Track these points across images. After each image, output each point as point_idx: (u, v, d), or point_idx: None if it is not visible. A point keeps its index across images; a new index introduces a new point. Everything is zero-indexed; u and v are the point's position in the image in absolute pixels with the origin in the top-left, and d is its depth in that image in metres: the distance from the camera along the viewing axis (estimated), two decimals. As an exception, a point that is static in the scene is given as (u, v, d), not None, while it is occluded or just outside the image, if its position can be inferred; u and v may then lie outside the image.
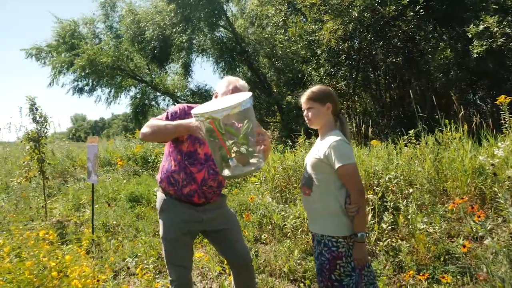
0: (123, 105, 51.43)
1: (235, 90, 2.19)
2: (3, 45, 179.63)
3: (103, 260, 3.63)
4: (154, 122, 2.17)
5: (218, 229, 2.36)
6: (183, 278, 2.29)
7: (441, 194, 4.47)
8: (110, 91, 18.97)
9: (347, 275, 1.99)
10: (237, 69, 16.07)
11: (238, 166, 1.77)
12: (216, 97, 2.27)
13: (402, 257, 3.22)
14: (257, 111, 15.56)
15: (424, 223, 3.55)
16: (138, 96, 19.57)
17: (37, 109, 5.60)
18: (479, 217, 2.77)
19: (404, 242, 3.38)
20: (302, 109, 2.18)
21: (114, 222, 5.05)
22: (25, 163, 5.85)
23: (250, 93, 1.82)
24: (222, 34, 15.98)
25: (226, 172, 1.79)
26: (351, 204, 1.96)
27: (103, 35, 18.65)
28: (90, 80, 17.83)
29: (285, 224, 4.19)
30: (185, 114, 2.21)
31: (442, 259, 3.25)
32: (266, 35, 13.78)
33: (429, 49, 9.12)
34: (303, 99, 2.16)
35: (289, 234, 4.05)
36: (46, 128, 5.64)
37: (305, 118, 2.16)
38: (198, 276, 3.57)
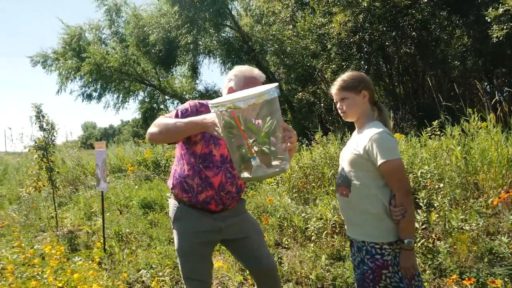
0: (131, 110, 51.73)
1: (253, 81, 1.93)
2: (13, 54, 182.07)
3: (115, 274, 3.40)
4: (162, 120, 1.90)
5: (238, 237, 2.11)
6: (202, 293, 2.03)
7: (472, 188, 4.17)
8: (118, 96, 19.00)
9: (394, 287, 1.72)
10: (245, 69, 15.86)
11: (261, 167, 1.50)
12: (229, 92, 1.99)
13: (441, 259, 2.93)
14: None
15: (459, 220, 3.26)
16: (147, 100, 19.59)
17: (43, 117, 5.44)
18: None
19: (442, 242, 3.08)
20: (335, 101, 1.91)
21: (127, 230, 4.84)
22: (34, 172, 5.70)
23: (276, 83, 1.55)
24: (228, 34, 15.78)
25: (246, 174, 1.52)
26: (396, 206, 1.69)
27: (109, 40, 18.65)
28: (98, 86, 17.86)
29: (307, 227, 3.92)
30: (197, 111, 1.95)
31: (486, 259, 2.94)
32: (274, 32, 13.51)
33: (445, 37, 8.79)
34: (334, 89, 1.89)
35: (313, 237, 3.78)
36: (54, 136, 5.49)
37: (339, 111, 1.89)
38: (217, 287, 3.32)
